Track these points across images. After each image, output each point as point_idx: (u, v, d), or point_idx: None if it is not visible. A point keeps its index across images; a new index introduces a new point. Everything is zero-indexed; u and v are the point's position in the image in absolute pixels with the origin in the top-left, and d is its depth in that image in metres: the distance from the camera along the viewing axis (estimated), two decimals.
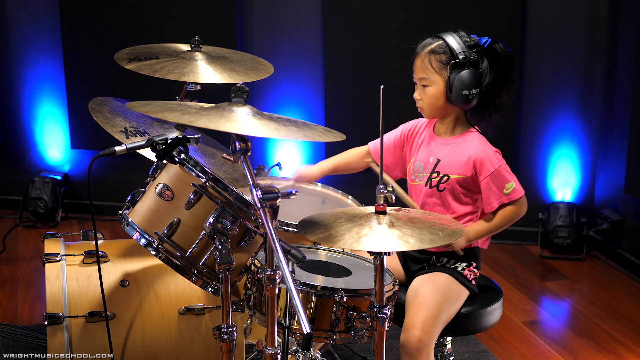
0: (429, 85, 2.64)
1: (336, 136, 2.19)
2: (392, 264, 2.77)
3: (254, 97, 4.43)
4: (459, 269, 2.68)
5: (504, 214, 2.65)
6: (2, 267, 4.20)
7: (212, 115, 2.09)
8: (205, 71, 2.71)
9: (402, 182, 2.82)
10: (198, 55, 2.77)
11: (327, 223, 2.25)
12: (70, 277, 2.54)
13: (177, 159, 2.24)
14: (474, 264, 2.71)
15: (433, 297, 2.57)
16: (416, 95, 2.69)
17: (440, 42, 2.63)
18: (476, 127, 2.69)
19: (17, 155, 4.92)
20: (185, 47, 2.88)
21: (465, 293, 2.67)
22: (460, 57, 2.58)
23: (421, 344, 2.48)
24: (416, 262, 2.75)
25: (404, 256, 2.80)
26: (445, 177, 2.67)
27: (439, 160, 2.69)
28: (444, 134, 2.73)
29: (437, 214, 2.48)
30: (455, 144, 2.68)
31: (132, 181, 3.34)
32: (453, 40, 2.61)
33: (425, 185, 2.71)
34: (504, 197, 2.63)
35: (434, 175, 2.69)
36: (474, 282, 2.70)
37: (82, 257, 2.60)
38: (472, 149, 2.65)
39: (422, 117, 2.79)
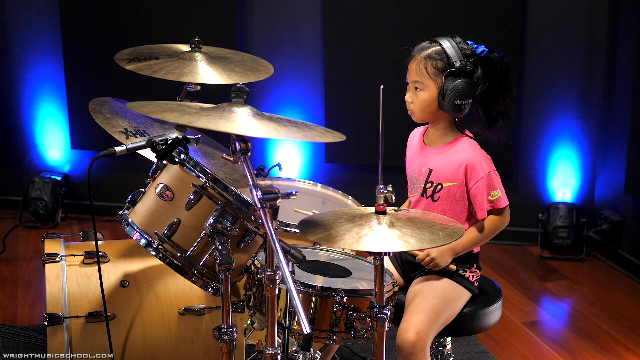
0: (422, 89, 2.61)
1: (336, 136, 2.19)
2: (389, 269, 2.75)
3: (254, 97, 4.42)
4: (460, 271, 2.67)
5: (490, 224, 2.63)
6: (2, 268, 4.20)
7: (212, 116, 2.09)
8: (204, 72, 2.71)
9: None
10: (198, 56, 2.77)
11: (327, 223, 2.25)
12: (70, 278, 2.54)
13: (177, 160, 2.24)
14: (475, 265, 2.71)
15: (430, 301, 2.56)
16: (407, 97, 2.65)
17: (437, 47, 2.59)
18: (467, 132, 2.68)
19: (17, 156, 4.92)
20: (185, 48, 2.88)
21: (465, 295, 2.66)
22: (457, 65, 2.55)
23: (415, 348, 2.48)
24: (415, 268, 2.74)
25: (402, 262, 2.80)
26: (439, 186, 2.65)
27: (431, 170, 2.67)
28: (434, 143, 2.70)
29: (437, 214, 2.48)
30: (447, 152, 2.66)
31: (132, 181, 3.34)
32: (450, 47, 2.57)
33: (422, 196, 2.70)
34: (489, 204, 2.61)
35: (428, 185, 2.67)
36: (476, 284, 2.70)
37: (82, 257, 2.60)
38: (463, 154, 2.63)
39: (416, 124, 2.76)
